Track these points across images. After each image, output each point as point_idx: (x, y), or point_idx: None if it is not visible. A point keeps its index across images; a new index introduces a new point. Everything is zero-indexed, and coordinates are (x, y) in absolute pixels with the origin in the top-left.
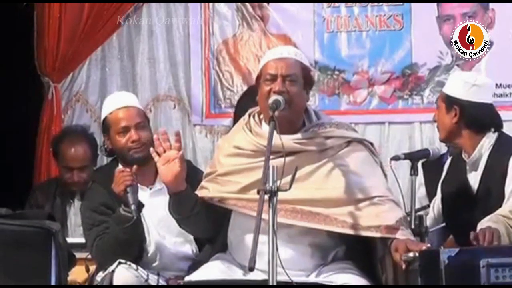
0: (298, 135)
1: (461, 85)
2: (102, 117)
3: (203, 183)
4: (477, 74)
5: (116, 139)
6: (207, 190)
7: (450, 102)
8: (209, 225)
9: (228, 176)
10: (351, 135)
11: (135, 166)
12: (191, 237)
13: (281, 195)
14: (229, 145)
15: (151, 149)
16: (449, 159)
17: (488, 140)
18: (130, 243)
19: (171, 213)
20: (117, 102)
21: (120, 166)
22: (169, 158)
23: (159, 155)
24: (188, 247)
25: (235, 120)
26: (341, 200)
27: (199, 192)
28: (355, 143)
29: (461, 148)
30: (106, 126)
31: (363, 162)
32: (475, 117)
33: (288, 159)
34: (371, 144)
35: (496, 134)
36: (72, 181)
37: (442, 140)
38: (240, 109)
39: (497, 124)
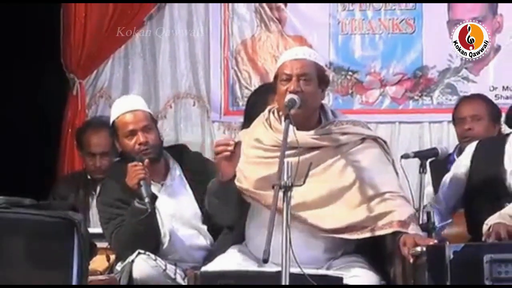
0: (315, 131)
1: None
2: (110, 121)
3: None
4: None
5: (125, 142)
6: None
7: None
8: (237, 212)
9: (248, 165)
10: (366, 132)
11: (147, 160)
12: (205, 229)
13: (299, 199)
14: (250, 138)
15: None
16: (473, 148)
17: None
18: (146, 235)
19: (214, 200)
20: (123, 106)
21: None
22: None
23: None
24: (202, 239)
25: (245, 117)
26: (355, 197)
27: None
28: (370, 140)
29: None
30: (114, 130)
31: (376, 159)
32: None
33: (305, 156)
34: (385, 142)
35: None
36: (95, 168)
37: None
38: (249, 106)
39: None
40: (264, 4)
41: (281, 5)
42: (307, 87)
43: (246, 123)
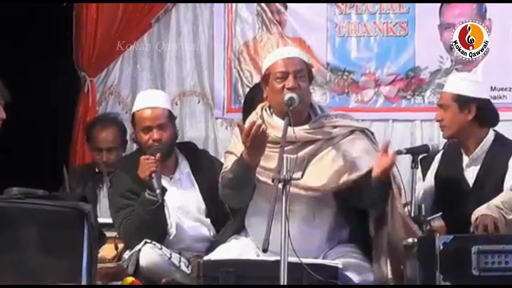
0: (308, 126)
1: (472, 84)
2: (132, 111)
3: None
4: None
5: (140, 135)
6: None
7: (464, 101)
8: (249, 196)
9: None
10: (354, 124)
11: (158, 154)
12: (208, 222)
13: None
14: None
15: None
16: (440, 153)
17: (490, 138)
18: (154, 225)
19: (227, 191)
20: (145, 101)
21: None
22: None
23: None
24: (206, 230)
25: (243, 113)
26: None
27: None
28: (358, 132)
29: (461, 144)
30: (133, 121)
31: (364, 149)
32: (487, 113)
33: (301, 151)
34: (372, 133)
35: (494, 133)
36: (101, 162)
37: (447, 137)
38: (246, 102)
39: (496, 120)
40: (266, 8)
41: (282, 8)
42: (303, 84)
43: (244, 118)
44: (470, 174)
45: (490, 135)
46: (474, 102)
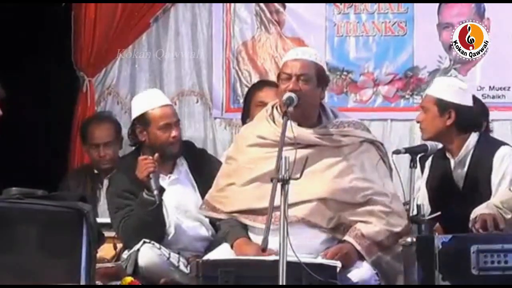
0: (317, 130)
1: (455, 90)
2: (141, 111)
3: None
4: (461, 81)
5: (157, 134)
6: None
7: (444, 106)
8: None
9: (251, 164)
10: (365, 135)
11: (156, 154)
12: (207, 221)
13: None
14: (253, 135)
15: None
16: (430, 159)
17: (472, 140)
18: (153, 225)
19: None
20: (156, 99)
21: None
22: None
23: None
24: (204, 230)
25: (242, 111)
26: (349, 199)
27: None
28: (367, 144)
29: (445, 148)
30: (145, 120)
31: (375, 166)
32: (467, 120)
33: (306, 151)
34: (382, 144)
35: (477, 134)
36: (99, 158)
37: (425, 139)
38: (248, 96)
39: (480, 125)
40: (264, 7)
41: (280, 8)
42: (305, 86)
43: (244, 116)
44: (459, 176)
45: (473, 137)
46: (454, 108)
